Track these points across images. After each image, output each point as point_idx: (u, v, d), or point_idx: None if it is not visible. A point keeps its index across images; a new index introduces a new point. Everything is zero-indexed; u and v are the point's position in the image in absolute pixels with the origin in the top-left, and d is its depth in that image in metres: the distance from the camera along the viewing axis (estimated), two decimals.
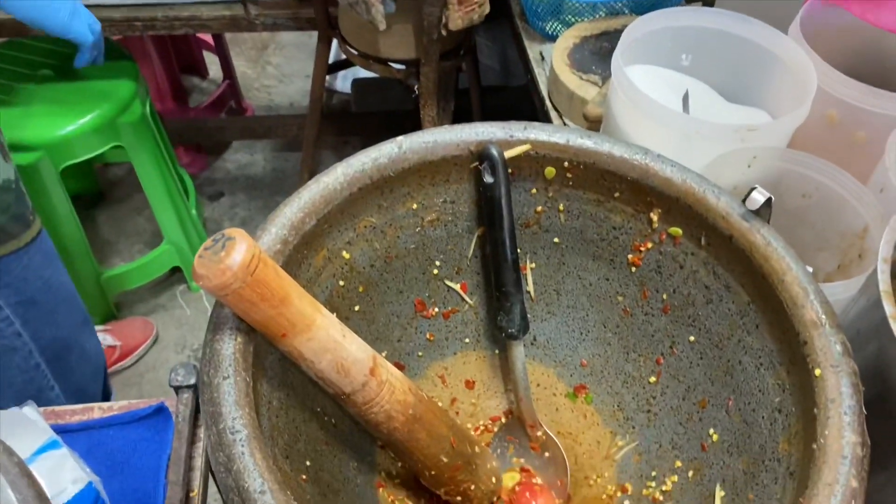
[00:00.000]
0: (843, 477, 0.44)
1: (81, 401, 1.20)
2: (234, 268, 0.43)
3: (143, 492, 0.70)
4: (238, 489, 0.42)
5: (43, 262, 1.06)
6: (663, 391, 0.64)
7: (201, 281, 0.43)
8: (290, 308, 0.47)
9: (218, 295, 0.44)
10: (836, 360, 0.49)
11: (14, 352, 1.05)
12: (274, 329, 0.47)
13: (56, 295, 1.11)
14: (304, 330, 0.48)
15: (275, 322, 0.46)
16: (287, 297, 0.46)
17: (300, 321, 0.48)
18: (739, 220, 0.56)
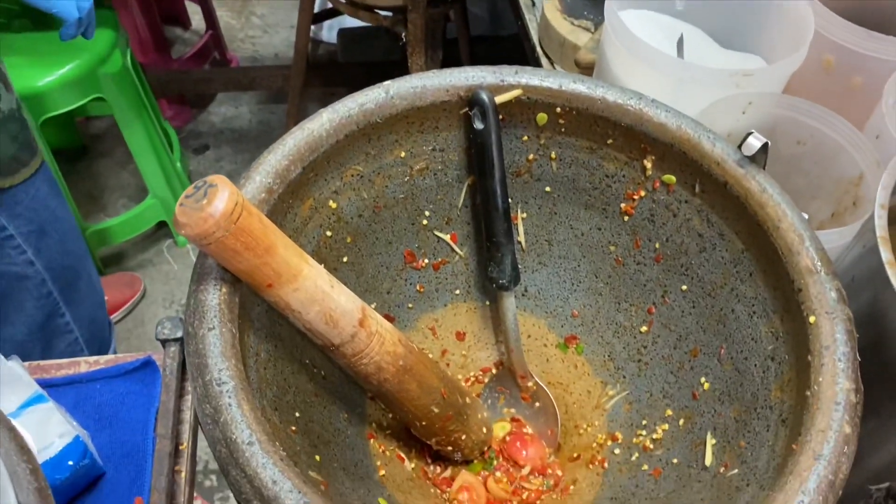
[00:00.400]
0: (836, 423, 0.44)
1: (92, 328, 1.24)
2: (217, 216, 0.41)
3: (132, 445, 0.70)
4: (226, 441, 0.41)
5: (49, 193, 1.09)
6: (654, 341, 0.64)
7: (183, 230, 0.42)
8: (275, 257, 0.45)
9: (200, 244, 0.43)
10: (830, 307, 0.49)
11: (27, 279, 1.08)
12: (259, 279, 0.46)
13: (62, 225, 1.13)
14: (291, 280, 0.47)
15: (260, 272, 0.45)
16: (272, 246, 0.45)
17: (286, 271, 0.46)
18: (735, 167, 0.55)
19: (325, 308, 0.49)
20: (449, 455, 0.65)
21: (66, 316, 1.18)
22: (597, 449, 0.64)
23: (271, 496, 0.40)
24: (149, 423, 0.71)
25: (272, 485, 0.40)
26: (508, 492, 0.64)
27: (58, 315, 1.16)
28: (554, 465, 0.66)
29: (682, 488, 0.55)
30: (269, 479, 0.40)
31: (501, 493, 0.64)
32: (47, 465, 0.62)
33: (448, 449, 0.64)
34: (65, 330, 1.18)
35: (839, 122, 0.69)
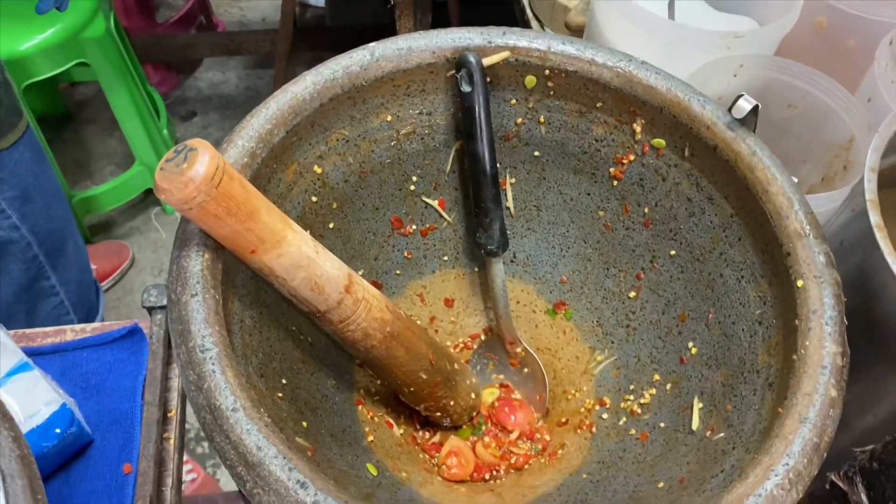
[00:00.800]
0: (822, 387, 0.44)
1: (80, 291, 1.24)
2: (198, 180, 0.41)
3: (120, 413, 0.70)
4: (210, 407, 0.41)
5: (33, 157, 1.08)
6: (643, 306, 0.63)
7: (163, 195, 0.41)
8: (258, 223, 0.45)
9: (181, 209, 0.42)
10: (819, 271, 0.48)
11: (12, 244, 1.08)
12: (242, 245, 0.45)
13: (47, 190, 1.13)
14: (275, 246, 0.46)
15: (243, 237, 0.45)
16: (255, 211, 0.44)
17: (270, 237, 0.46)
18: (724, 130, 0.54)
19: (311, 274, 0.49)
20: (438, 421, 0.65)
21: (51, 279, 1.18)
22: (585, 414, 0.64)
23: (256, 462, 0.39)
24: (136, 390, 0.71)
25: (257, 451, 0.40)
26: (497, 456, 0.64)
27: (43, 278, 1.16)
28: (542, 429, 0.66)
29: (668, 452, 0.55)
30: (253, 445, 0.40)
31: (490, 457, 0.64)
32: (34, 433, 0.62)
33: (437, 415, 0.64)
34: (50, 293, 1.19)
35: (831, 85, 0.68)
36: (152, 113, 1.63)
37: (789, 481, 0.41)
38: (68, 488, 0.65)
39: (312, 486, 0.39)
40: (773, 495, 0.41)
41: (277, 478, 0.39)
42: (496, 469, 0.64)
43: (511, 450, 0.65)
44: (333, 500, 0.38)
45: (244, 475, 0.40)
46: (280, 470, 0.39)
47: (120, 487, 0.65)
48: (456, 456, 0.63)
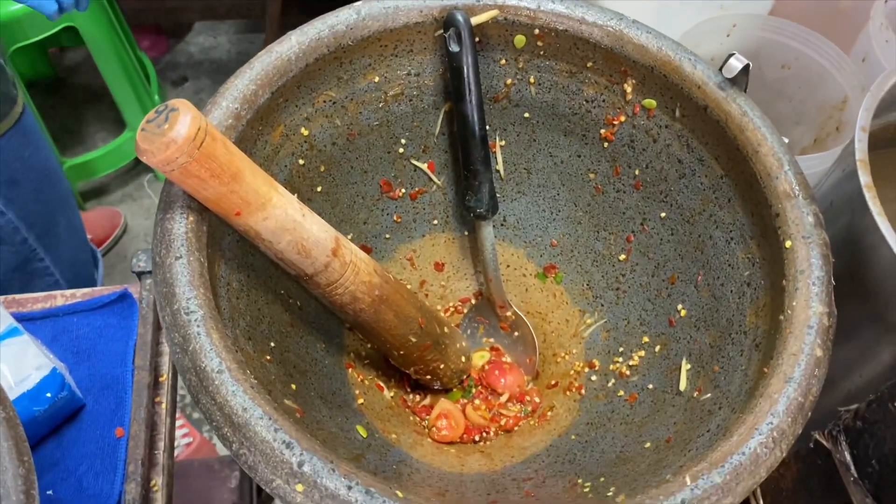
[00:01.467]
0: (808, 346, 0.44)
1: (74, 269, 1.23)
2: (179, 141, 0.40)
3: (112, 377, 0.70)
4: (195, 369, 0.41)
5: (22, 142, 1.06)
6: (633, 268, 0.63)
7: (145, 156, 0.41)
8: (242, 185, 0.44)
9: (164, 170, 0.41)
10: (807, 232, 0.48)
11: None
12: (227, 207, 0.45)
13: (37, 173, 1.11)
14: (260, 208, 0.46)
15: (227, 199, 0.44)
16: (239, 172, 0.44)
17: (254, 199, 0.45)
18: (715, 90, 0.54)
19: (297, 237, 0.49)
20: (428, 384, 0.65)
21: (44, 260, 1.17)
22: (574, 376, 0.65)
23: (241, 423, 0.39)
24: (127, 355, 0.71)
25: (242, 412, 0.40)
26: (487, 418, 0.65)
27: (36, 260, 1.15)
28: (532, 392, 0.66)
29: (656, 413, 0.55)
30: (239, 406, 0.40)
31: (480, 419, 0.65)
32: (25, 397, 0.62)
33: (427, 378, 0.64)
34: (44, 273, 1.18)
35: (825, 45, 0.67)
36: (142, 78, 1.61)
37: (773, 440, 0.41)
38: (61, 451, 0.66)
39: (298, 447, 0.39)
40: (757, 453, 0.41)
41: (263, 438, 0.39)
42: (486, 431, 0.64)
43: (501, 412, 0.65)
44: (319, 460, 0.38)
45: (230, 436, 0.40)
46: (265, 430, 0.39)
47: (112, 451, 0.66)
48: (446, 418, 0.64)
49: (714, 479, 0.40)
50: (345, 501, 0.38)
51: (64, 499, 0.63)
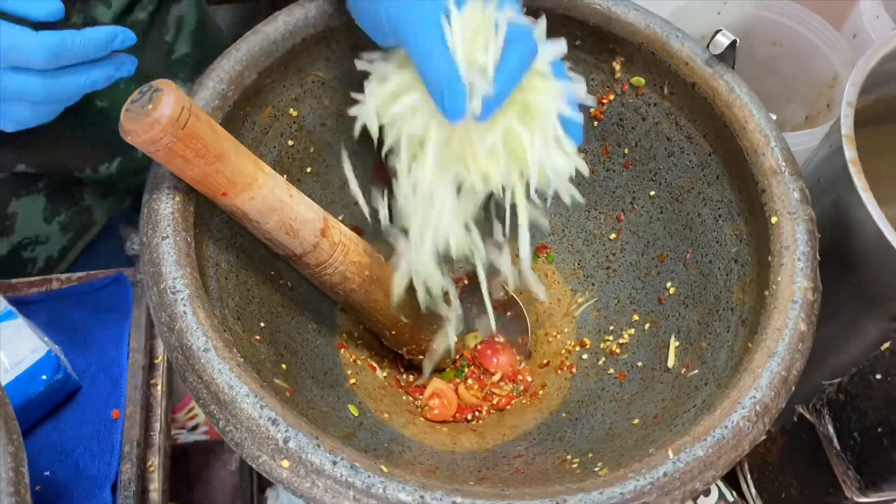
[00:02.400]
0: (791, 321, 0.44)
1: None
2: (163, 121, 0.40)
3: (108, 360, 0.70)
4: (182, 347, 0.42)
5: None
6: (623, 247, 0.63)
7: (129, 136, 0.41)
8: (228, 165, 0.44)
9: (148, 151, 0.42)
10: (793, 207, 0.48)
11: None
12: (213, 187, 0.45)
13: None
14: (246, 188, 0.46)
15: (213, 179, 0.44)
16: (224, 153, 0.44)
17: (240, 179, 0.46)
18: (702, 66, 0.54)
19: (285, 218, 0.49)
20: (421, 364, 0.66)
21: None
22: (566, 355, 0.65)
23: (228, 400, 0.40)
24: (123, 338, 0.71)
25: (228, 389, 0.40)
26: (479, 397, 0.65)
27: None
28: (524, 371, 0.67)
29: (645, 390, 0.56)
30: (225, 384, 0.40)
31: (472, 398, 0.65)
32: (20, 379, 0.63)
33: (419, 358, 0.64)
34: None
35: (816, 22, 0.67)
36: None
37: (756, 413, 0.42)
38: (58, 433, 0.66)
39: (283, 423, 0.39)
40: (740, 427, 0.41)
41: (249, 415, 0.39)
42: (478, 410, 0.64)
43: (493, 391, 0.66)
44: (304, 436, 0.39)
45: (217, 413, 0.40)
46: (251, 408, 0.39)
47: (109, 432, 0.66)
48: (439, 397, 0.64)
49: (696, 452, 0.40)
50: (330, 476, 0.38)
51: (61, 479, 0.64)
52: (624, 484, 0.39)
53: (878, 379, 0.39)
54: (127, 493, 0.59)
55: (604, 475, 0.40)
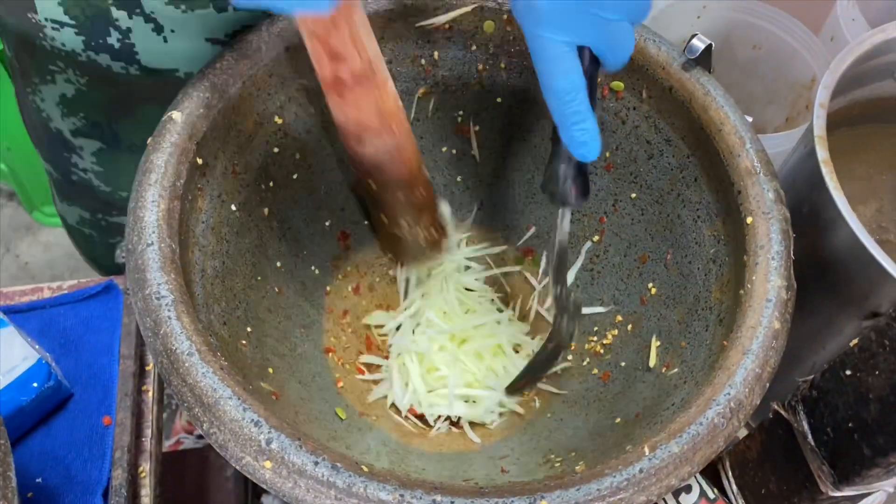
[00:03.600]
0: (766, 319, 0.45)
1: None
2: None
3: (99, 367, 0.71)
4: (167, 352, 0.42)
5: None
6: (606, 249, 0.64)
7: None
8: None
9: None
10: (767, 208, 0.49)
11: None
12: None
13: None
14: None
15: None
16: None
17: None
18: (679, 70, 0.55)
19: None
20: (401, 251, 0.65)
21: None
22: None
23: (211, 403, 0.41)
24: (114, 345, 0.72)
25: (212, 392, 0.41)
26: None
27: None
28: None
29: (627, 389, 0.57)
30: (209, 387, 0.41)
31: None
32: (12, 387, 0.63)
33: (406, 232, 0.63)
34: None
35: (794, 26, 0.68)
36: None
37: (730, 410, 0.42)
38: (49, 440, 0.67)
39: (266, 424, 0.40)
40: (714, 423, 0.42)
41: (232, 417, 0.40)
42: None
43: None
44: (286, 437, 0.39)
45: (201, 416, 0.41)
46: (234, 410, 0.40)
47: (100, 439, 0.67)
48: None
49: (672, 448, 0.41)
50: (311, 476, 0.39)
51: (53, 486, 0.65)
52: (600, 481, 0.40)
53: (848, 375, 0.39)
54: (118, 499, 0.59)
55: (581, 472, 0.41)
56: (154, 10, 0.54)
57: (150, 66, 0.58)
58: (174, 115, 0.50)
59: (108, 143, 0.67)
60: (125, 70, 0.58)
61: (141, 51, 0.57)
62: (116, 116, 0.64)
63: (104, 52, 0.57)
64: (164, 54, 0.57)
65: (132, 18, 0.55)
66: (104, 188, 0.71)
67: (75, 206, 0.77)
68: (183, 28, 0.56)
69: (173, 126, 0.49)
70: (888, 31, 0.55)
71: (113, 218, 0.75)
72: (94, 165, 0.69)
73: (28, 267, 1.50)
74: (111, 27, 0.55)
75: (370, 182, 0.59)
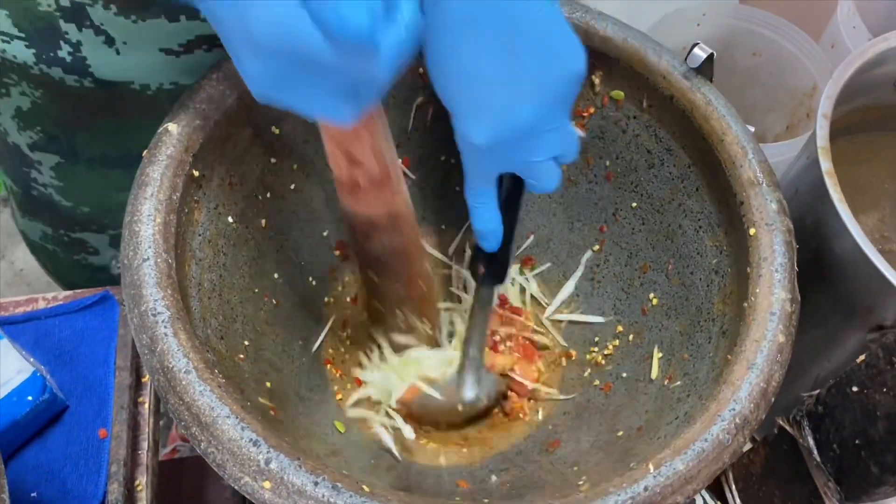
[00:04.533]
0: (770, 333, 0.45)
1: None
2: None
3: (95, 379, 0.70)
4: (163, 370, 0.42)
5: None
6: (606, 258, 0.64)
7: None
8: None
9: None
10: (770, 219, 0.49)
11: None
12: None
13: None
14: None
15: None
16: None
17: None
18: (680, 79, 0.54)
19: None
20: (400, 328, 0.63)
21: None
22: (552, 367, 0.65)
23: (209, 422, 0.40)
24: (110, 356, 0.71)
25: (209, 411, 0.40)
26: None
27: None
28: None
29: (629, 402, 0.56)
30: (206, 405, 0.40)
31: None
32: (6, 400, 0.63)
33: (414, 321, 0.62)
34: None
35: (795, 33, 0.68)
36: None
37: (735, 426, 0.42)
38: (45, 453, 0.66)
39: (265, 444, 0.39)
40: (720, 440, 0.41)
41: (230, 437, 0.40)
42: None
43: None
44: (285, 457, 0.39)
45: (198, 435, 0.40)
46: (233, 429, 0.40)
47: (96, 451, 0.66)
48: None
49: (677, 466, 0.40)
50: (312, 497, 0.38)
51: (48, 500, 0.64)
52: (605, 499, 0.39)
53: (855, 391, 0.39)
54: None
55: (585, 490, 0.41)
56: (104, 22, 0.53)
57: (105, 79, 0.57)
58: (170, 127, 0.49)
59: (66, 157, 0.65)
60: (79, 83, 0.57)
61: (93, 63, 0.56)
62: (73, 130, 0.62)
63: (56, 66, 0.56)
64: (117, 66, 0.56)
65: (82, 31, 0.53)
66: (65, 203, 0.70)
67: (37, 222, 0.75)
68: (135, 40, 0.54)
69: (169, 138, 0.49)
70: (890, 40, 0.54)
71: (75, 234, 0.74)
72: (53, 180, 0.67)
73: (23, 273, 1.49)
74: (61, 40, 0.54)
75: (371, 273, 0.58)
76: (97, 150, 0.63)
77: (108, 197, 0.68)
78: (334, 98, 0.38)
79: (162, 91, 0.58)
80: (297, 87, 0.38)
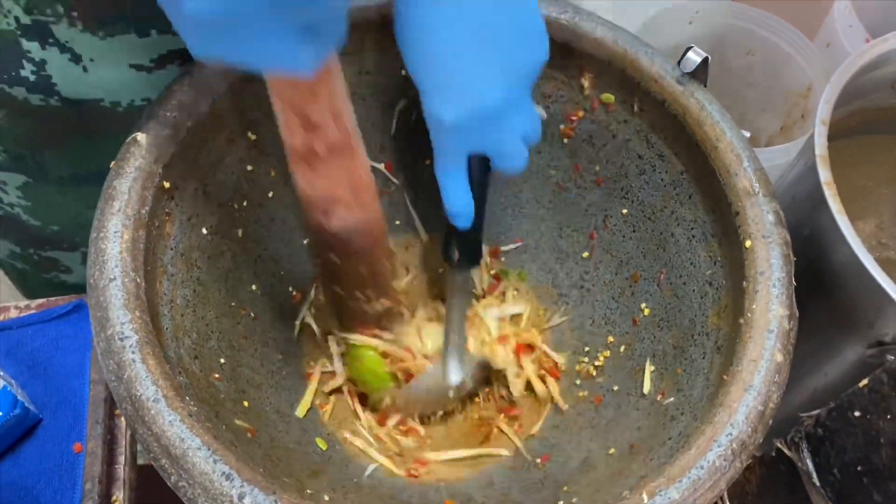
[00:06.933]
0: (767, 352, 0.43)
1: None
2: None
3: (69, 390, 0.68)
4: (131, 398, 0.39)
5: None
6: (596, 266, 0.62)
7: None
8: None
9: None
10: (767, 231, 0.47)
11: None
12: None
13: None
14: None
15: None
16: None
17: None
18: (673, 84, 0.52)
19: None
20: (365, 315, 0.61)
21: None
22: (541, 377, 0.63)
23: (179, 454, 0.38)
24: (85, 367, 0.69)
25: (179, 442, 0.38)
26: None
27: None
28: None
29: (621, 416, 0.54)
30: (175, 436, 0.38)
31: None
32: None
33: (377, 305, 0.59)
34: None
35: (789, 31, 0.66)
36: None
37: (732, 451, 0.40)
38: (18, 469, 0.64)
39: (238, 478, 0.37)
40: (716, 466, 0.40)
41: (202, 470, 0.37)
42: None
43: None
44: (260, 492, 0.37)
45: (168, 468, 0.38)
46: (204, 462, 0.37)
47: (71, 467, 0.64)
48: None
49: (672, 494, 0.39)
50: None
51: None
52: None
53: (857, 416, 0.37)
54: None
55: None
56: (69, 40, 0.50)
57: (72, 98, 0.54)
58: (139, 137, 0.47)
59: (33, 176, 0.62)
60: (45, 102, 0.54)
61: (60, 82, 0.53)
62: (41, 149, 0.60)
63: (18, 85, 0.53)
64: (85, 84, 0.53)
65: (45, 49, 0.51)
66: (34, 222, 0.67)
67: (5, 241, 0.72)
68: (103, 56, 0.52)
69: (138, 149, 0.46)
70: (890, 42, 0.52)
71: (45, 252, 0.71)
72: (20, 200, 0.65)
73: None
74: (23, 59, 0.51)
75: (332, 255, 0.55)
76: (67, 168, 0.61)
77: (80, 214, 0.66)
78: (290, 40, 0.35)
79: (133, 107, 0.56)
80: (247, 30, 0.34)
